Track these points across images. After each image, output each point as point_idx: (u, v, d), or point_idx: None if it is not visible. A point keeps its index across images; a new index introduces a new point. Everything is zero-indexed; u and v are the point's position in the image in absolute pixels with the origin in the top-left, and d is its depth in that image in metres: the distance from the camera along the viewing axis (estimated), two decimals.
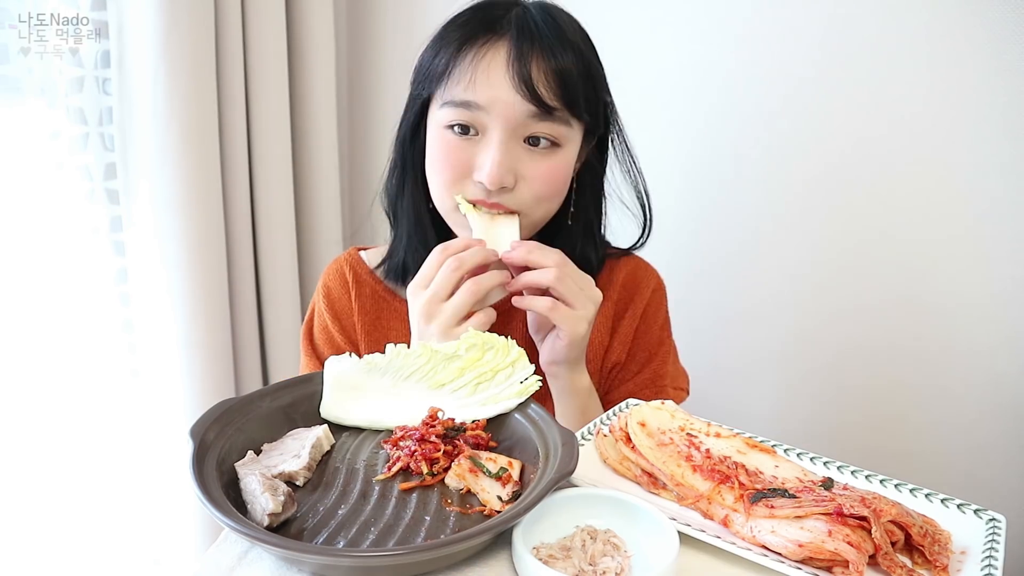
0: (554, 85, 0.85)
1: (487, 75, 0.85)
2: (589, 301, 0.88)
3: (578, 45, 0.88)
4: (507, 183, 0.88)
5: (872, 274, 1.41)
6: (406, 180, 1.00)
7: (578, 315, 0.86)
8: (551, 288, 0.86)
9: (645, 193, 1.04)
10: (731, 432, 0.75)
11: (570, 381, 0.92)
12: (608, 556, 0.58)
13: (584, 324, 0.87)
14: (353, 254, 1.10)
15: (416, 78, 0.94)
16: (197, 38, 1.34)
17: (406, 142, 0.98)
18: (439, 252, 0.87)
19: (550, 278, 0.85)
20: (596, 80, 0.91)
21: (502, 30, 0.86)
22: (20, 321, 1.32)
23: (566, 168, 0.92)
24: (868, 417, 1.47)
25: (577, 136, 0.92)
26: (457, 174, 0.90)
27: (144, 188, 1.37)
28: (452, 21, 0.91)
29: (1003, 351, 1.32)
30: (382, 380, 0.76)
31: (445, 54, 0.88)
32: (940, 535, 0.61)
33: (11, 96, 1.24)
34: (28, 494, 1.38)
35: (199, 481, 0.59)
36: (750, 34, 1.43)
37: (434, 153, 0.92)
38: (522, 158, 0.88)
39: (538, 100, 0.84)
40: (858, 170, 1.38)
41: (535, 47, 0.85)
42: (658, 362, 1.06)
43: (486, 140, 0.87)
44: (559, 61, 0.85)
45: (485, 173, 0.87)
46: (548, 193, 0.92)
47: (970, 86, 1.26)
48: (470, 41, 0.86)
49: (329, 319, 1.06)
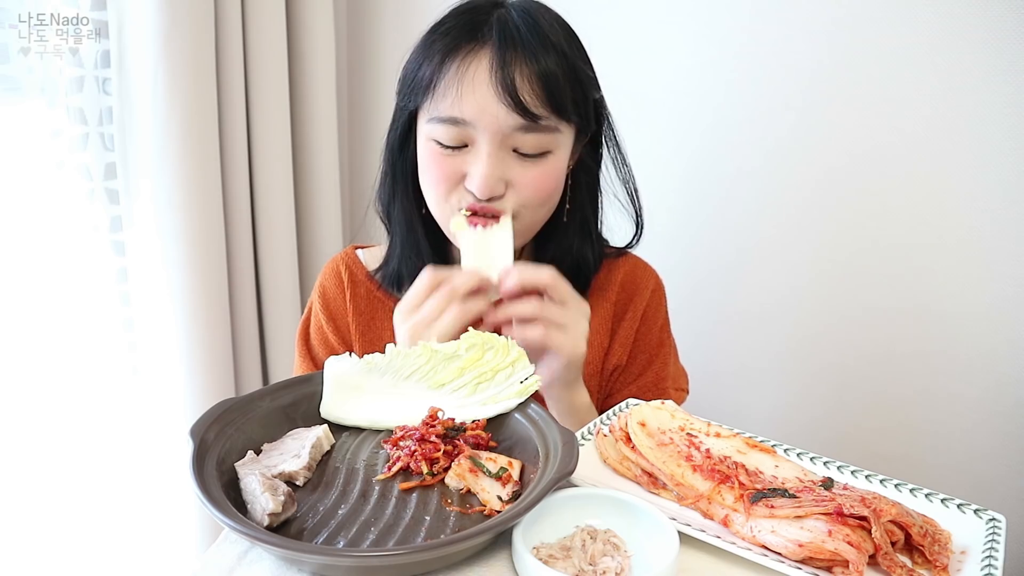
0: (539, 90, 0.84)
1: (472, 87, 0.84)
2: (580, 317, 0.87)
3: (561, 46, 0.87)
4: (497, 192, 0.87)
5: (873, 276, 1.41)
6: (397, 189, 1.00)
7: (573, 336, 0.85)
8: (539, 317, 0.84)
9: (634, 190, 1.03)
10: (731, 432, 0.75)
11: (570, 402, 0.91)
12: (608, 556, 0.58)
13: (582, 343, 0.86)
14: (350, 253, 1.10)
15: (402, 89, 0.93)
16: (197, 38, 1.34)
17: (395, 152, 0.98)
18: (428, 277, 0.85)
19: (532, 309, 0.84)
20: (583, 79, 0.90)
21: (484, 38, 0.85)
22: (21, 320, 1.32)
23: (557, 173, 0.92)
24: (869, 418, 1.47)
25: (567, 139, 0.91)
26: (450, 185, 0.90)
27: (144, 188, 1.37)
28: (434, 29, 0.90)
29: (1003, 352, 1.32)
30: (382, 380, 0.76)
31: (429, 66, 0.87)
32: (940, 535, 0.61)
33: (11, 96, 1.24)
34: (28, 493, 1.38)
35: (199, 481, 0.59)
36: (752, 34, 1.43)
37: (426, 166, 0.92)
38: (512, 166, 0.88)
39: (523, 109, 0.83)
40: (859, 172, 1.38)
41: (517, 53, 0.84)
42: (659, 364, 1.06)
43: (475, 151, 0.87)
44: (542, 65, 0.84)
45: (475, 184, 0.86)
46: (539, 199, 0.91)
47: (970, 90, 1.26)
48: (453, 52, 0.85)
49: (324, 319, 1.06)
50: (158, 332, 1.44)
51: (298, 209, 1.70)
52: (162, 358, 1.45)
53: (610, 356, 1.05)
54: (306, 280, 1.74)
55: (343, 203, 1.81)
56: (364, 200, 1.91)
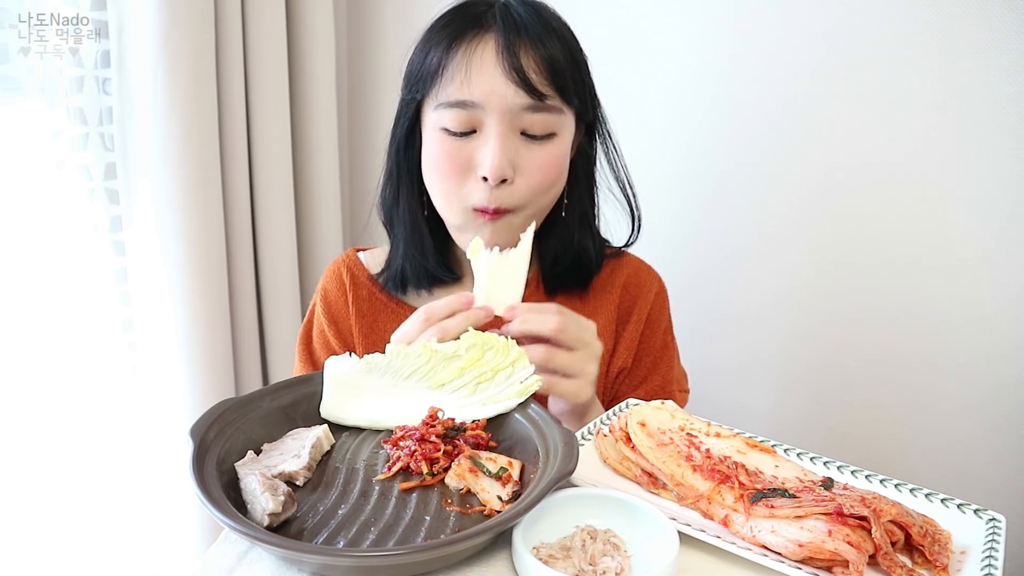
0: (544, 71, 0.87)
1: (480, 68, 0.86)
2: (589, 361, 0.85)
3: (563, 33, 0.91)
4: (508, 175, 0.88)
5: (870, 275, 1.41)
6: (401, 188, 0.99)
7: (579, 384, 0.84)
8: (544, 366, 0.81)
9: (630, 185, 1.04)
10: (731, 432, 0.75)
11: (580, 425, 0.90)
12: (608, 556, 0.58)
13: (588, 389, 0.85)
14: (351, 255, 1.10)
15: (408, 82, 0.94)
16: (197, 38, 1.34)
17: (401, 150, 0.97)
18: (422, 314, 0.83)
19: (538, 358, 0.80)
20: (582, 67, 0.93)
21: (488, 24, 0.88)
22: (20, 320, 1.32)
23: (563, 156, 0.93)
24: (867, 417, 1.47)
25: (570, 123, 0.92)
26: (459, 177, 0.90)
27: (144, 188, 1.37)
28: (436, 23, 0.92)
29: (1004, 352, 1.32)
30: (382, 380, 0.76)
31: (436, 53, 0.89)
32: (940, 535, 0.61)
33: (11, 96, 1.24)
34: (28, 493, 1.38)
35: (199, 481, 0.59)
36: (749, 33, 1.43)
37: (433, 158, 0.92)
38: (520, 150, 0.89)
39: (531, 88, 0.85)
40: (857, 171, 1.38)
41: (522, 37, 0.86)
42: (665, 367, 1.06)
43: (484, 135, 0.88)
44: (547, 49, 0.87)
45: (487, 166, 0.87)
46: (547, 183, 0.92)
47: (970, 90, 1.26)
48: (459, 38, 0.87)
49: (326, 323, 1.06)
50: (158, 332, 1.44)
51: (298, 209, 1.70)
52: (162, 358, 1.45)
53: (615, 359, 1.04)
54: (306, 280, 1.74)
55: (343, 202, 1.81)
56: (365, 200, 1.92)
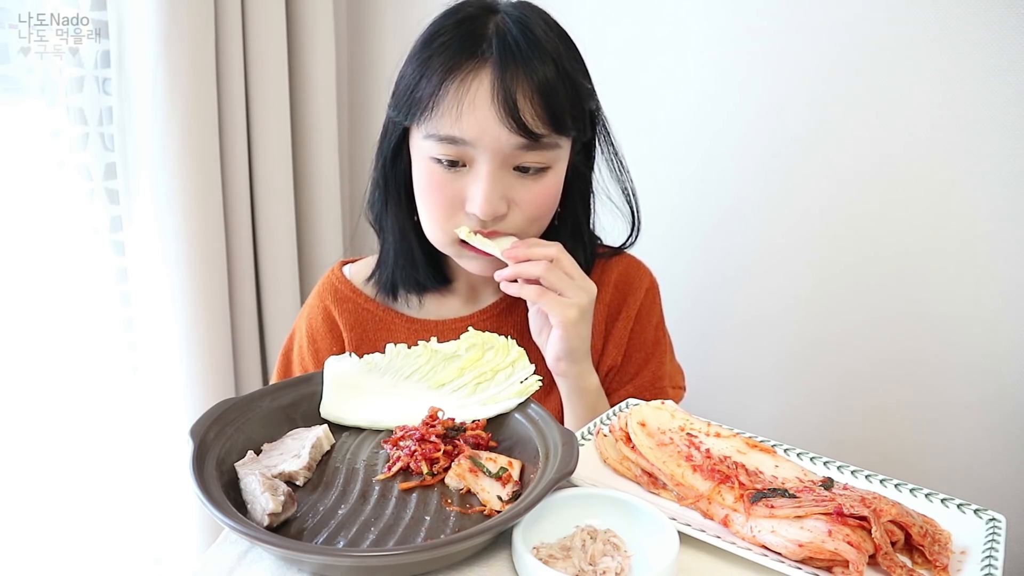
0: (540, 108, 0.83)
1: (472, 108, 0.83)
2: (581, 291, 0.88)
3: (559, 56, 0.86)
4: (500, 211, 0.87)
5: (874, 280, 1.41)
6: (389, 199, 0.99)
7: (567, 302, 0.86)
8: (541, 279, 0.86)
9: (631, 192, 1.03)
10: (731, 432, 0.75)
11: (577, 381, 0.91)
12: (608, 556, 0.58)
13: (574, 310, 0.86)
14: (336, 272, 1.08)
15: (396, 103, 0.91)
16: (197, 38, 1.34)
17: (387, 164, 0.96)
18: None
19: (539, 270, 0.86)
20: (579, 90, 0.89)
21: (484, 55, 0.83)
22: (20, 320, 1.32)
23: (557, 186, 0.92)
24: (870, 421, 1.47)
25: (566, 152, 0.91)
26: (449, 208, 0.89)
27: (144, 188, 1.37)
28: (430, 40, 0.87)
29: (1004, 353, 1.32)
30: (382, 380, 0.76)
31: (427, 85, 0.85)
32: (940, 535, 0.61)
33: (11, 96, 1.24)
34: (28, 493, 1.38)
35: (199, 481, 0.59)
36: (753, 38, 1.42)
37: (423, 187, 0.90)
38: (513, 185, 0.87)
39: (526, 130, 0.83)
40: (860, 175, 1.38)
41: (518, 69, 0.82)
42: (656, 363, 1.05)
43: (475, 172, 0.86)
44: (541, 80, 0.83)
45: (477, 206, 0.85)
46: (541, 213, 0.92)
47: (971, 90, 1.26)
48: (452, 72, 0.83)
49: (308, 354, 1.05)
50: (158, 332, 1.44)
51: (298, 209, 1.70)
52: (162, 358, 1.45)
53: (605, 357, 1.04)
54: (306, 279, 1.74)
55: (343, 202, 1.81)
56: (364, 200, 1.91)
